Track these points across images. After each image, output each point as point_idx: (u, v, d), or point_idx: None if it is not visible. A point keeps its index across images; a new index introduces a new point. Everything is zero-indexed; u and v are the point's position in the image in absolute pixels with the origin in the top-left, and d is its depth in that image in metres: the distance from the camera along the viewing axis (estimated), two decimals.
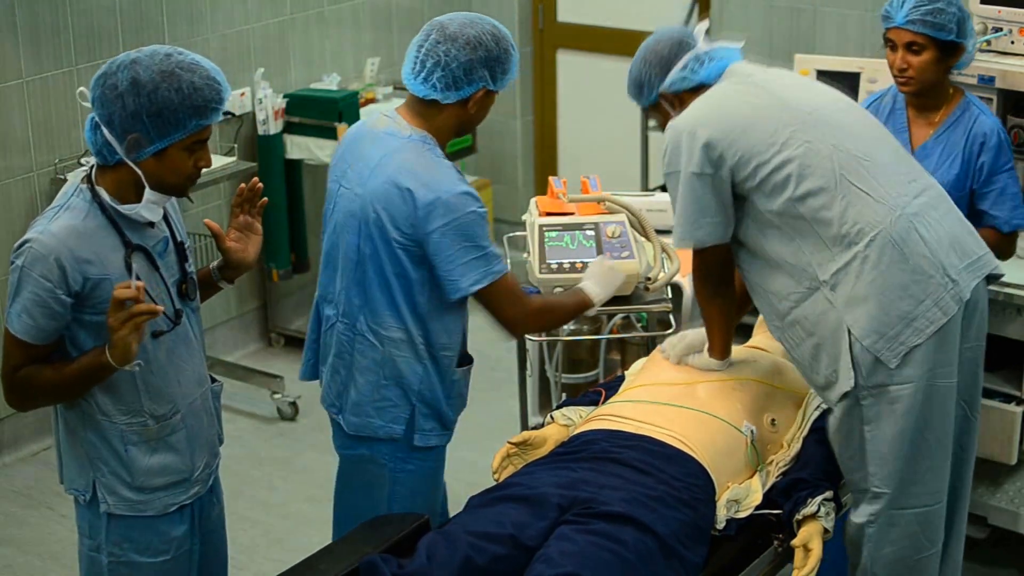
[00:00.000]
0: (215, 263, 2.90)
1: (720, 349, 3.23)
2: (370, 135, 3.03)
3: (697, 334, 3.29)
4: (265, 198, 2.87)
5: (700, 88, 3.07)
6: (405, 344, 2.99)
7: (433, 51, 2.92)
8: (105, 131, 2.54)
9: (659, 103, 3.14)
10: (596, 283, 3.18)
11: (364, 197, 2.95)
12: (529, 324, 3.10)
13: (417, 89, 2.96)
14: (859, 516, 3.03)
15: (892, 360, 2.89)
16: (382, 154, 2.95)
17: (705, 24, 3.18)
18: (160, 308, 2.50)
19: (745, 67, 3.10)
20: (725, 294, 3.18)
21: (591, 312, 3.22)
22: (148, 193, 2.59)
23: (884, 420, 2.93)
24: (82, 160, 2.71)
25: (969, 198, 3.60)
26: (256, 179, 2.86)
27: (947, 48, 3.47)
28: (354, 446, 3.10)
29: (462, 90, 2.94)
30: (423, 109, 2.99)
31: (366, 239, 2.96)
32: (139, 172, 2.56)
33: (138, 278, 2.58)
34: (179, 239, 2.75)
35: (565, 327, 3.84)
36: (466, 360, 3.13)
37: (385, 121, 3.03)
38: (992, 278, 3.07)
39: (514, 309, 2.99)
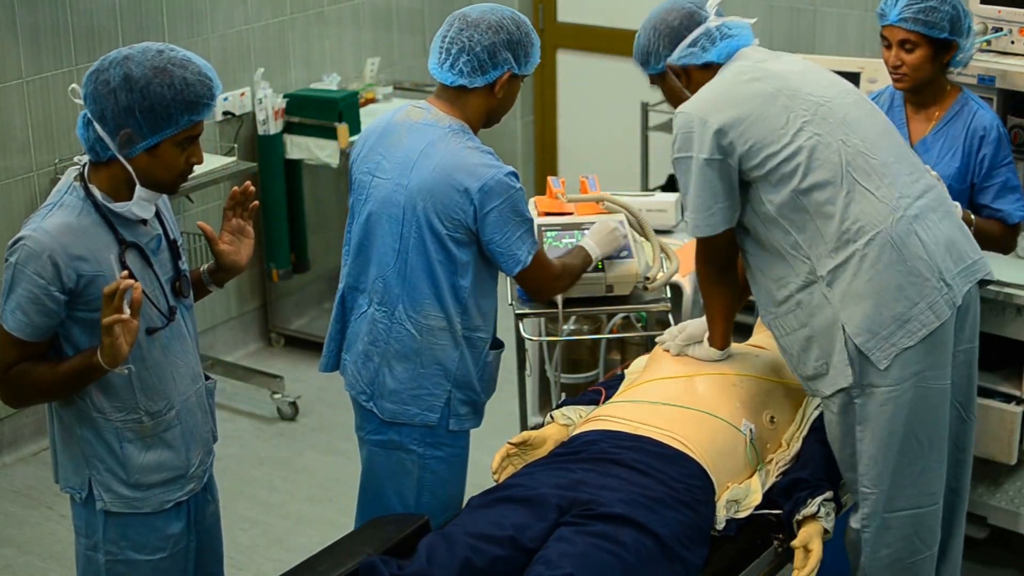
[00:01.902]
0: (205, 266, 2.90)
1: (721, 338, 3.23)
2: (405, 126, 3.08)
3: (698, 324, 3.29)
4: (256, 202, 2.87)
5: (709, 66, 3.06)
6: (443, 332, 3.05)
7: (457, 38, 3.00)
8: (97, 127, 2.55)
9: (665, 74, 3.13)
10: (597, 242, 3.36)
11: (410, 188, 3.00)
12: (555, 288, 3.23)
13: (444, 77, 3.03)
14: (855, 521, 3.03)
15: (882, 361, 2.88)
16: (424, 144, 3.01)
17: None
18: (137, 287, 2.48)
19: (757, 52, 3.08)
20: (728, 281, 3.18)
21: (589, 271, 3.35)
22: (139, 190, 2.60)
23: (874, 421, 2.93)
24: (76, 158, 2.71)
25: (970, 192, 3.61)
26: (248, 183, 2.86)
27: (940, 45, 3.48)
28: (384, 431, 3.13)
29: (488, 74, 3.01)
30: (453, 97, 3.06)
31: (411, 228, 3.01)
32: (130, 169, 2.56)
33: (126, 268, 2.58)
34: (172, 236, 2.76)
35: (565, 327, 3.85)
36: (497, 344, 3.18)
37: (419, 113, 3.08)
38: (984, 282, 3.07)
39: (546, 275, 3.15)
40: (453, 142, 3.00)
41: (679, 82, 3.10)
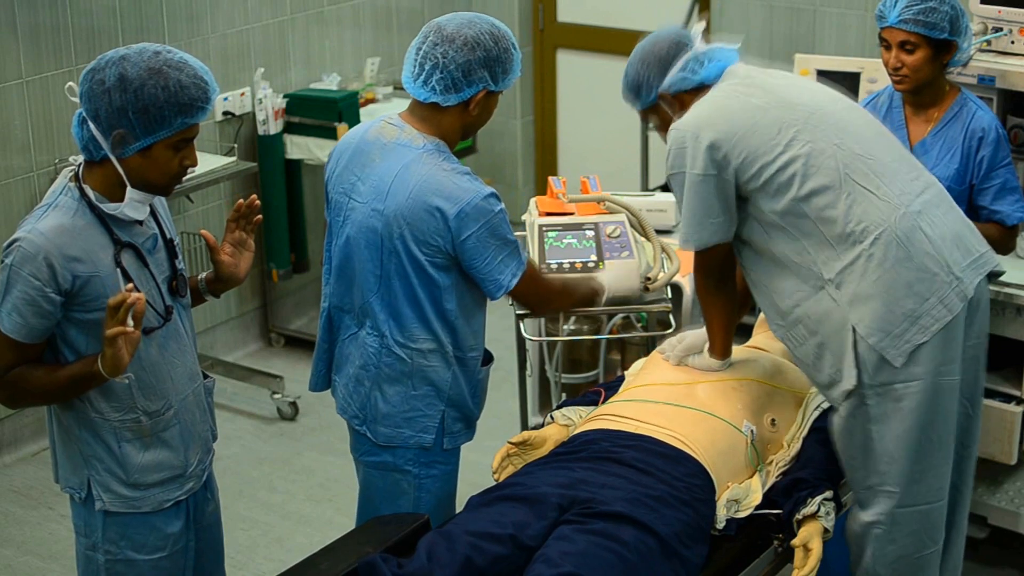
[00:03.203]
0: (203, 275, 2.89)
1: (721, 349, 3.23)
2: (378, 146, 2.99)
3: (697, 335, 3.29)
4: (260, 216, 2.86)
5: (700, 89, 3.07)
6: (434, 354, 3.00)
7: (431, 53, 2.89)
8: (92, 126, 2.54)
9: (657, 105, 3.14)
10: (609, 279, 3.30)
11: (386, 214, 2.92)
12: (551, 305, 3.18)
13: (417, 93, 2.94)
14: (868, 515, 3.02)
15: (898, 359, 2.89)
16: (399, 167, 2.93)
17: (702, 24, 3.18)
18: (141, 299, 2.47)
19: (744, 68, 3.10)
20: (727, 292, 3.18)
21: (597, 307, 3.28)
22: (130, 191, 2.59)
23: (892, 418, 2.93)
24: (71, 158, 2.71)
25: (969, 193, 3.61)
26: (254, 196, 2.85)
27: (940, 46, 3.49)
28: (379, 453, 3.09)
29: (462, 92, 2.91)
30: (426, 113, 2.97)
31: (390, 255, 2.94)
32: (120, 170, 2.56)
33: (127, 276, 2.58)
34: (168, 236, 2.75)
35: (565, 327, 3.84)
36: (488, 358, 3.15)
37: (393, 131, 2.99)
38: (993, 275, 3.07)
39: (541, 291, 3.09)
40: (428, 164, 2.91)
41: (672, 110, 3.10)
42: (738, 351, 3.35)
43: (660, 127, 3.18)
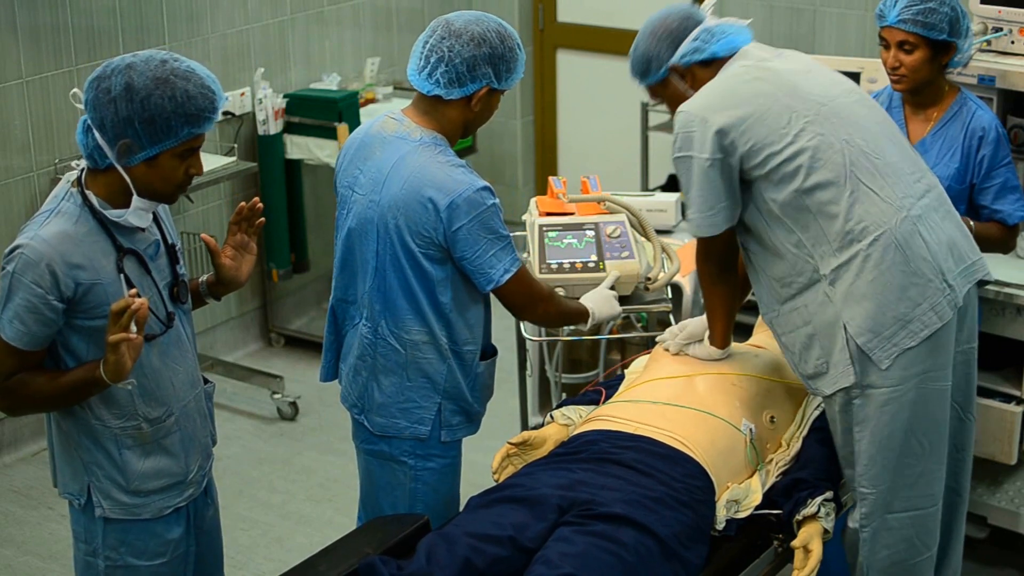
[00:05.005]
0: (204, 277, 2.88)
1: (721, 337, 3.23)
2: (379, 139, 3.02)
3: (698, 323, 3.29)
4: (263, 218, 2.86)
5: (712, 62, 3.05)
6: (427, 345, 3.01)
7: (438, 47, 2.92)
8: (97, 135, 2.52)
9: (667, 80, 3.11)
10: (595, 303, 3.25)
11: (381, 204, 2.95)
12: (538, 311, 3.11)
13: (421, 85, 2.96)
14: (853, 520, 3.03)
15: (884, 361, 2.89)
16: (395, 159, 2.95)
17: (713, 0, 3.16)
18: (144, 304, 2.47)
19: (759, 50, 3.07)
20: (728, 280, 3.17)
21: (585, 327, 3.24)
22: (136, 200, 2.58)
23: (873, 421, 2.93)
24: (73, 163, 2.69)
25: (969, 192, 3.61)
26: (257, 199, 2.84)
27: (939, 47, 3.48)
28: (376, 442, 3.11)
29: (465, 87, 2.93)
30: (429, 107, 2.99)
31: (385, 245, 2.96)
32: (127, 178, 2.55)
33: (130, 283, 2.58)
34: (170, 241, 2.74)
35: (565, 327, 3.84)
36: (490, 352, 3.15)
37: (393, 124, 3.02)
38: (982, 282, 3.07)
39: (531, 295, 3.05)
40: (424, 156, 2.93)
41: (683, 84, 3.08)
42: (738, 348, 3.35)
43: (668, 102, 3.16)
